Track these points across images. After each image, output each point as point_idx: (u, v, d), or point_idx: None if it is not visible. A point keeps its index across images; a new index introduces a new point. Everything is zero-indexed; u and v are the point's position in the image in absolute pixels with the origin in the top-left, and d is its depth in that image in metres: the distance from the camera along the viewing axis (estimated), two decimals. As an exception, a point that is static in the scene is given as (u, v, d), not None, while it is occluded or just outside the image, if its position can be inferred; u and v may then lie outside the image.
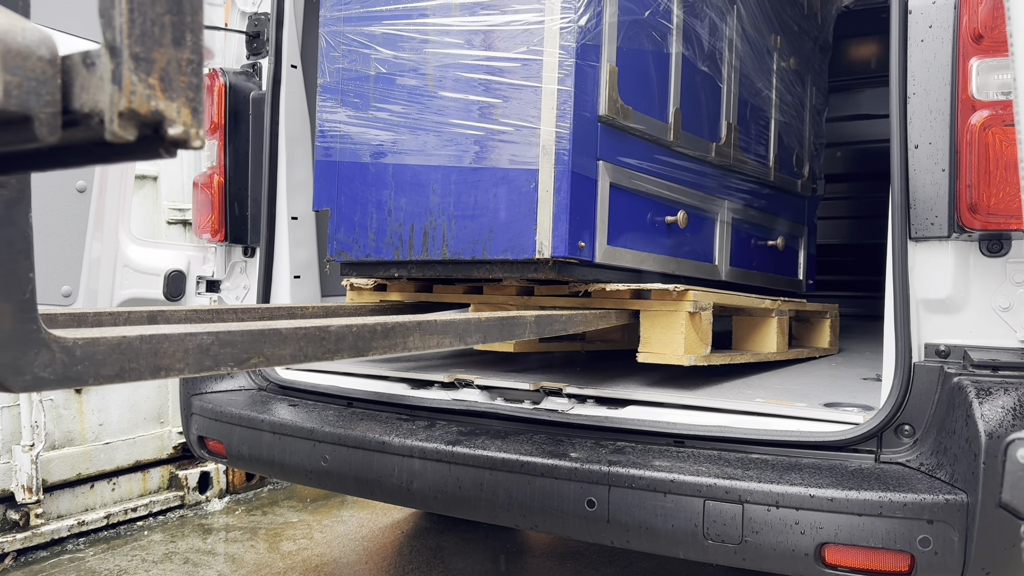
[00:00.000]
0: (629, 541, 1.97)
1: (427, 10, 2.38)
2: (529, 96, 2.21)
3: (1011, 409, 1.71)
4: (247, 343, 1.00)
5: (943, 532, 1.69)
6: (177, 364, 0.91)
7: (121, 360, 0.85)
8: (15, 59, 0.55)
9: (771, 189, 3.51)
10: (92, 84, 0.58)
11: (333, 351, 1.17)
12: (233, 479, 4.65)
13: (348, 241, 2.58)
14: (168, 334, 0.90)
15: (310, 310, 2.29)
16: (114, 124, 0.57)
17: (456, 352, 3.35)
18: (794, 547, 1.79)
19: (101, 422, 4.09)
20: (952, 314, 1.91)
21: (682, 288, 2.33)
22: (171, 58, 0.60)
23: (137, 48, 0.58)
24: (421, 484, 2.21)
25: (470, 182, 2.32)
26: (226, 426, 2.66)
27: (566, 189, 2.18)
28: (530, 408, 2.33)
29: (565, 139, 2.18)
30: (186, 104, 0.61)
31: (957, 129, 1.84)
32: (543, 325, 1.97)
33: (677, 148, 2.69)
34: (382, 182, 2.50)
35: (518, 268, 2.28)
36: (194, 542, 3.89)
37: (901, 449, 1.90)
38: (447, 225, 2.36)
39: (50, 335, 0.78)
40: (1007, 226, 1.78)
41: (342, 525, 4.15)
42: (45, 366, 0.77)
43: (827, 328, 3.41)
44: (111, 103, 0.57)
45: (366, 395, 2.60)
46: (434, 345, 1.47)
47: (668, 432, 2.12)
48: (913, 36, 1.92)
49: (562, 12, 2.17)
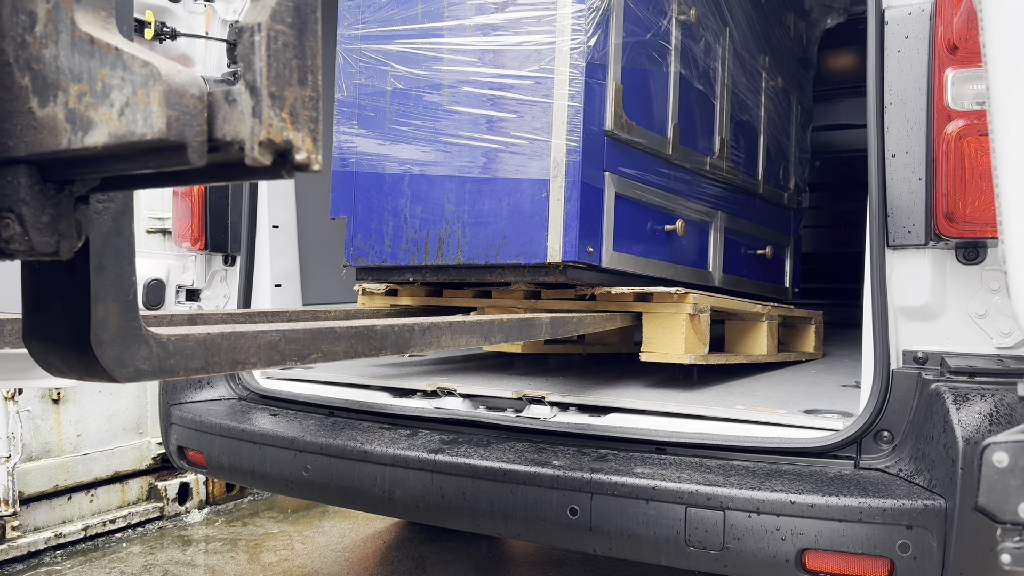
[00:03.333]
0: (611, 548, 1.97)
1: (442, 30, 2.51)
2: (540, 112, 2.35)
3: (988, 415, 1.73)
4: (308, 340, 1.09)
5: (922, 537, 1.71)
6: (251, 358, 0.99)
7: (206, 354, 0.93)
8: (174, 97, 0.65)
9: (760, 200, 3.67)
10: (233, 117, 0.69)
11: (378, 348, 1.28)
12: (213, 490, 4.61)
13: (365, 247, 2.69)
14: (244, 331, 0.99)
15: (332, 313, 2.40)
16: (254, 151, 0.68)
17: (440, 359, 3.35)
18: (775, 553, 1.80)
19: (79, 433, 4.04)
20: (929, 321, 1.93)
21: (683, 291, 2.43)
22: (298, 96, 0.70)
23: (273, 88, 0.69)
24: (403, 493, 2.20)
25: (484, 191, 2.45)
26: (206, 436, 2.64)
27: (576, 198, 2.31)
28: (512, 416, 2.33)
29: (575, 152, 2.31)
30: (308, 134, 0.71)
31: (933, 138, 1.87)
32: (557, 326, 2.07)
33: (675, 161, 2.83)
34: (398, 191, 2.62)
35: (530, 272, 2.41)
36: (173, 554, 3.85)
37: (880, 455, 1.92)
38: (461, 232, 2.49)
39: (148, 332, 0.86)
40: (983, 234, 1.81)
41: (323, 536, 4.12)
42: (145, 359, 0.86)
43: (812, 333, 3.53)
44: (252, 134, 0.68)
45: (347, 404, 2.59)
46: (463, 343, 1.58)
47: (650, 439, 2.12)
48: (890, 47, 1.94)
49: (572, 34, 2.30)
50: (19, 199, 0.75)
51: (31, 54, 0.72)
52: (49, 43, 0.71)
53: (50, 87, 0.71)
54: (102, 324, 0.81)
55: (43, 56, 0.71)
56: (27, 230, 0.75)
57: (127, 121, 0.66)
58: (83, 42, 0.69)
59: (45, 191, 0.76)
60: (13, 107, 0.73)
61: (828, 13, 4.36)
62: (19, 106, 0.72)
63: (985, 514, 0.96)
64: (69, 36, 0.69)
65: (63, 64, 0.70)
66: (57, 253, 0.77)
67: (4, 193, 0.76)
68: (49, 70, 0.70)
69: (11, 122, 0.73)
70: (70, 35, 0.69)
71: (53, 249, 0.76)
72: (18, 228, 0.75)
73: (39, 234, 0.75)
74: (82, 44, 0.69)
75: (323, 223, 3.51)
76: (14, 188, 0.75)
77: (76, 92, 0.69)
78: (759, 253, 3.63)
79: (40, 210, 0.76)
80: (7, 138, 0.74)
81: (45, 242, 0.76)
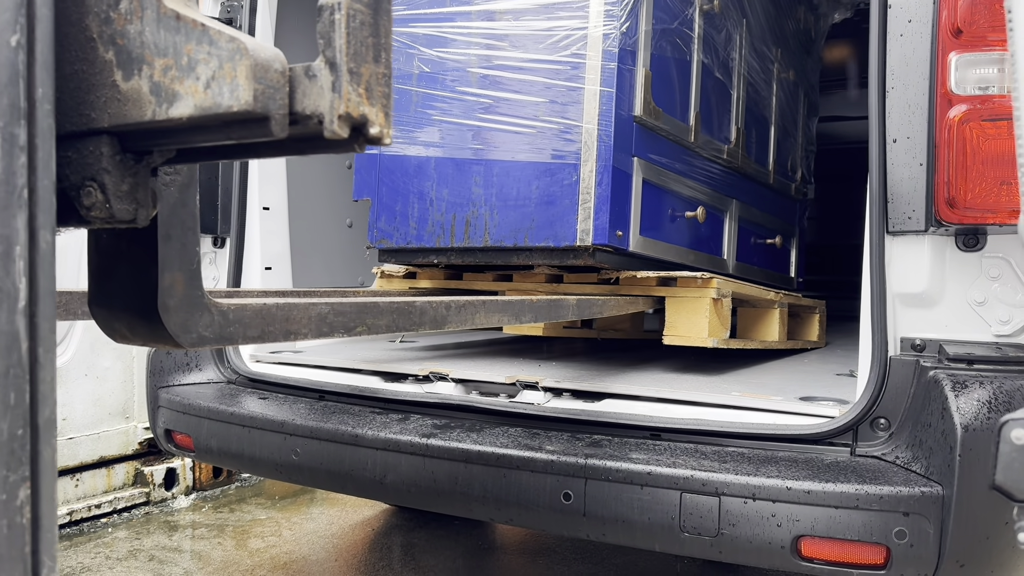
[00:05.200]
0: (605, 534, 1.95)
1: (471, 14, 2.52)
2: (572, 96, 2.37)
3: (986, 402, 1.71)
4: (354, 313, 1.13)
5: (919, 524, 1.69)
6: (303, 329, 1.03)
7: (262, 324, 0.96)
8: (260, 71, 0.69)
9: (770, 191, 3.73)
10: (313, 92, 0.72)
11: (418, 323, 1.33)
12: (200, 475, 4.57)
13: (389, 229, 2.70)
14: (296, 303, 1.02)
15: (360, 294, 2.46)
16: (333, 124, 0.72)
17: (432, 345, 3.32)
18: (770, 540, 1.79)
19: (64, 416, 3.99)
20: (928, 308, 1.92)
21: (708, 275, 2.46)
22: (373, 72, 0.74)
23: (351, 64, 0.72)
24: (395, 477, 2.18)
25: (512, 175, 2.47)
26: (194, 419, 2.60)
27: (607, 182, 2.34)
28: (506, 402, 2.31)
29: (607, 137, 2.34)
30: (382, 109, 0.75)
31: (935, 124, 1.85)
32: (583, 308, 2.11)
33: (696, 149, 2.88)
34: (424, 174, 2.63)
35: (558, 255, 2.44)
36: (160, 539, 3.81)
37: (877, 442, 1.91)
38: (489, 214, 2.51)
39: (211, 300, 0.89)
40: (984, 220, 1.79)
41: (311, 522, 4.10)
42: (207, 326, 0.89)
43: (816, 322, 3.57)
44: (331, 108, 0.72)
45: (338, 388, 2.56)
46: (495, 321, 1.62)
47: (645, 425, 2.11)
48: (892, 31, 1.92)
49: (605, 20, 2.34)
50: (101, 168, 0.79)
51: (116, 29, 0.76)
52: (134, 19, 0.74)
53: (134, 61, 0.75)
54: (169, 292, 0.84)
55: (127, 31, 0.75)
56: (108, 198, 0.79)
57: (213, 94, 0.70)
58: (168, 18, 0.72)
59: (125, 161, 0.80)
60: (97, 80, 0.77)
61: (836, 8, 4.45)
62: (103, 79, 0.77)
63: (1002, 492, 0.94)
64: (155, 12, 0.73)
65: (148, 39, 0.74)
66: (135, 220, 0.81)
67: (87, 163, 0.79)
68: (134, 45, 0.74)
69: (94, 95, 0.77)
70: (155, 11, 0.73)
71: (132, 216, 0.80)
72: (99, 196, 0.79)
73: (119, 202, 0.79)
74: (167, 20, 0.73)
75: (315, 206, 3.47)
76: (96, 158, 0.79)
77: (161, 66, 0.73)
78: (768, 242, 3.70)
79: (120, 179, 0.80)
80: (90, 110, 0.78)
81: (125, 209, 0.80)
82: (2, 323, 0.69)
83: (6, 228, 0.70)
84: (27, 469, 0.70)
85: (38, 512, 0.71)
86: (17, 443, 0.70)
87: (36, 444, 0.71)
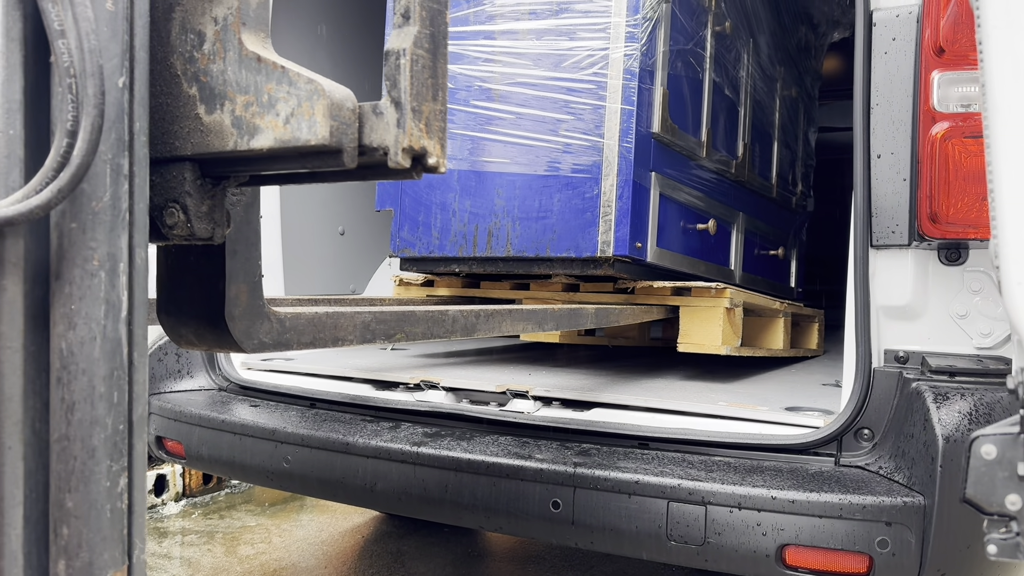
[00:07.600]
0: (593, 542, 1.97)
1: (495, 33, 2.61)
2: (594, 114, 2.48)
3: (967, 414, 1.75)
4: (394, 322, 1.21)
5: (901, 534, 1.72)
6: (349, 336, 1.09)
7: (314, 331, 1.03)
8: (335, 109, 0.77)
9: (772, 203, 3.84)
10: (380, 127, 0.80)
11: (450, 331, 1.41)
12: (190, 482, 4.57)
13: (411, 239, 2.79)
14: (342, 312, 1.09)
15: (387, 301, 2.56)
16: (398, 156, 0.80)
17: (425, 354, 3.34)
18: (755, 548, 1.81)
19: (54, 422, 3.99)
20: (911, 321, 1.95)
21: (721, 286, 2.56)
22: (432, 110, 0.82)
23: (414, 103, 0.80)
24: (385, 485, 2.19)
25: (535, 188, 2.58)
26: (185, 426, 2.61)
27: (627, 196, 2.45)
28: (495, 410, 2.33)
29: (627, 152, 2.45)
30: (439, 142, 0.83)
31: (918, 140, 1.88)
32: (601, 317, 2.19)
33: (707, 164, 2.97)
34: (447, 186, 2.72)
35: (578, 265, 2.56)
36: (149, 546, 3.81)
37: (860, 453, 1.94)
38: (511, 226, 2.61)
39: (271, 309, 0.97)
40: (965, 235, 1.83)
41: (301, 529, 4.10)
42: (267, 333, 0.96)
43: (815, 331, 3.67)
44: (396, 141, 0.80)
45: (329, 396, 2.57)
46: (520, 329, 1.71)
47: (633, 434, 2.13)
48: (877, 48, 1.96)
49: (626, 42, 2.45)
50: (184, 191, 0.87)
51: (199, 68, 0.84)
52: (216, 59, 0.82)
53: (216, 97, 0.82)
54: (234, 302, 0.92)
55: (211, 70, 0.83)
56: (189, 218, 0.87)
57: (292, 128, 0.77)
58: (250, 60, 0.80)
59: (204, 185, 0.88)
60: (180, 113, 0.85)
61: (836, 27, 4.57)
62: (186, 112, 0.85)
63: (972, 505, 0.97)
64: (236, 54, 0.81)
65: (230, 77, 0.81)
66: (212, 238, 0.89)
67: (170, 186, 0.88)
68: (216, 82, 0.82)
69: (178, 125, 0.85)
70: (237, 53, 0.81)
71: (209, 235, 0.88)
72: (181, 216, 0.87)
73: (199, 221, 0.87)
74: (249, 61, 0.80)
75: (307, 213, 3.49)
76: (180, 182, 0.87)
77: (243, 102, 0.81)
78: (771, 253, 3.81)
79: (200, 201, 0.88)
80: (175, 139, 0.86)
81: (204, 228, 0.88)
82: (109, 331, 0.79)
83: (113, 247, 0.79)
84: (126, 460, 0.80)
85: (132, 499, 0.81)
86: (119, 437, 0.79)
87: (131, 438, 0.81)
